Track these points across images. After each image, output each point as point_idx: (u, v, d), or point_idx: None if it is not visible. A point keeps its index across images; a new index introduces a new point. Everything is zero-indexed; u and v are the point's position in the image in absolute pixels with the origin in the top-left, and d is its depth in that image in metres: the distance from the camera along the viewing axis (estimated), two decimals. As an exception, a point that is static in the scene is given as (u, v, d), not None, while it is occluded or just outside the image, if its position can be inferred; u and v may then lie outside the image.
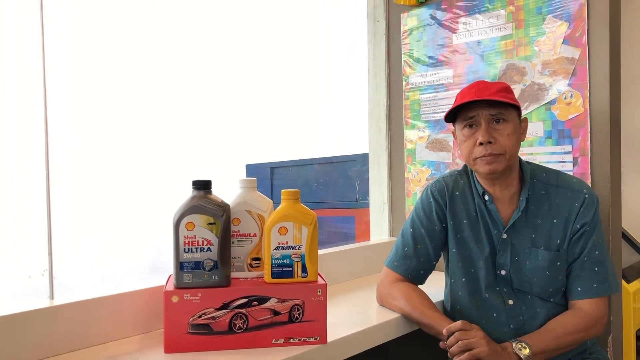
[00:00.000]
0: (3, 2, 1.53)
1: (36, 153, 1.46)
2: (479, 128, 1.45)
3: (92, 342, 1.30)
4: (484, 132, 1.44)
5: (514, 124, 1.46)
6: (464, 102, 1.44)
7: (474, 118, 1.46)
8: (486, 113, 1.44)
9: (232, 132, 3.35)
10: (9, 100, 1.57)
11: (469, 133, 1.48)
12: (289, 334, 1.28)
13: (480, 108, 1.44)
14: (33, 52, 1.44)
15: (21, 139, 1.58)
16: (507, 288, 1.52)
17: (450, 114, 1.51)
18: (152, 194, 2.52)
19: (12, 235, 1.67)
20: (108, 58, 2.27)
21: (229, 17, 3.21)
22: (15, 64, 1.54)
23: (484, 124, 1.44)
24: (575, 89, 1.80)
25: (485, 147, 1.44)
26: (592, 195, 1.50)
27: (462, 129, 1.49)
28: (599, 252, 1.48)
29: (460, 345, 1.32)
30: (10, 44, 1.55)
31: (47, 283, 1.44)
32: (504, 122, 1.45)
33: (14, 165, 1.62)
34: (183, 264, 1.25)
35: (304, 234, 1.29)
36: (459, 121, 1.51)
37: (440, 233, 1.60)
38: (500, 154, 1.44)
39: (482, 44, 2.02)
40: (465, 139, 1.49)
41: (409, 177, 2.28)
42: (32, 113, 1.46)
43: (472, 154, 1.48)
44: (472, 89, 1.46)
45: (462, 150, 1.51)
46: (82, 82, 2.09)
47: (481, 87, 1.46)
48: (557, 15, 1.83)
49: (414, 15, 2.24)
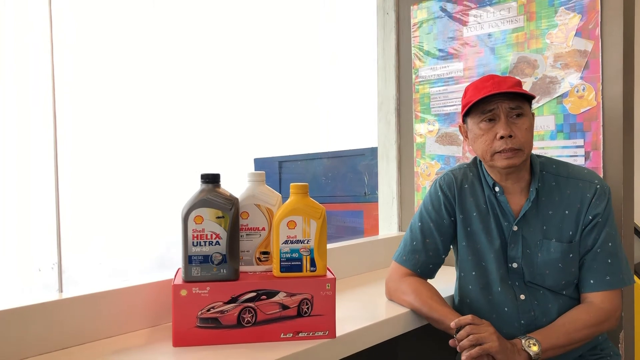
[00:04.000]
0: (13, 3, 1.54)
1: (45, 148, 1.46)
2: (497, 121, 1.43)
3: (101, 335, 1.30)
4: (504, 125, 1.41)
5: (529, 119, 1.45)
6: (486, 96, 1.41)
7: (493, 111, 1.43)
8: (506, 106, 1.42)
9: (240, 126, 3.34)
10: (20, 98, 1.58)
11: (486, 127, 1.45)
12: (297, 328, 1.27)
13: (499, 101, 1.42)
14: (42, 48, 1.44)
15: (30, 134, 1.58)
16: (519, 282, 1.51)
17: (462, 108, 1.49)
18: (161, 188, 2.52)
19: (22, 229, 1.68)
20: (116, 55, 2.27)
21: (239, 12, 3.20)
22: (25, 62, 1.55)
23: (503, 117, 1.42)
24: (588, 82, 1.77)
25: (505, 141, 1.41)
26: (603, 185, 1.48)
27: (480, 122, 1.46)
28: (612, 244, 1.45)
29: (470, 339, 1.30)
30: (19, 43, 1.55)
31: (57, 276, 1.45)
32: (523, 117, 1.43)
33: (23, 160, 1.62)
34: (192, 258, 1.24)
35: (312, 228, 1.28)
36: (474, 115, 1.48)
37: (449, 227, 1.59)
38: (519, 149, 1.42)
39: (493, 36, 2.00)
40: (483, 133, 1.46)
41: (419, 171, 2.27)
42: (41, 109, 1.46)
43: (491, 148, 1.45)
44: (488, 82, 1.44)
45: (479, 144, 1.48)
46: (91, 78, 2.09)
47: (497, 80, 1.44)
48: (570, 7, 1.80)
49: (424, 8, 2.22)
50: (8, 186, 1.65)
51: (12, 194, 1.66)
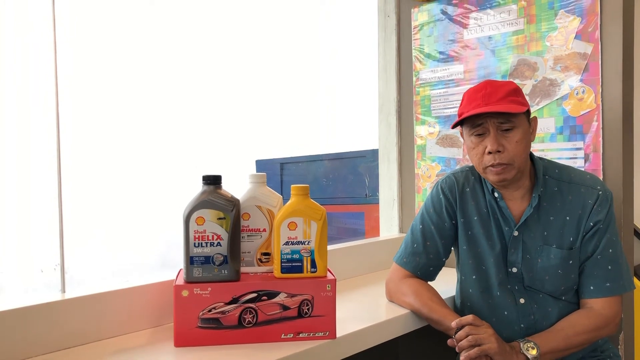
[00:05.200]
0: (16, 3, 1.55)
1: (48, 148, 1.47)
2: (487, 136, 1.43)
3: (103, 335, 1.31)
4: (492, 141, 1.41)
5: (522, 129, 1.43)
6: (470, 115, 1.41)
7: (482, 125, 1.43)
8: (494, 121, 1.41)
9: (242, 128, 3.35)
10: (22, 98, 1.59)
11: (477, 140, 1.45)
12: (298, 329, 1.28)
13: (488, 116, 1.41)
14: (45, 48, 1.45)
15: (32, 134, 1.59)
16: (518, 286, 1.51)
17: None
18: (163, 189, 2.53)
19: (25, 230, 1.69)
20: (118, 55, 2.28)
21: (240, 13, 3.21)
22: (28, 61, 1.56)
23: (492, 132, 1.41)
24: (588, 85, 1.78)
25: (494, 156, 1.41)
26: (606, 191, 1.47)
27: (470, 135, 1.47)
28: (612, 250, 1.45)
29: (469, 340, 1.31)
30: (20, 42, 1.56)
31: (59, 277, 1.46)
32: (513, 130, 1.42)
33: (25, 160, 1.63)
34: (193, 259, 1.25)
35: (313, 229, 1.29)
36: (466, 126, 1.48)
37: (450, 230, 1.59)
38: (509, 163, 1.42)
39: (494, 39, 2.01)
40: (474, 146, 1.46)
41: (419, 173, 2.27)
42: (43, 109, 1.47)
43: (481, 161, 1.45)
44: (479, 93, 1.43)
45: (471, 157, 1.49)
46: (93, 77, 2.10)
47: (488, 91, 1.42)
48: (570, 10, 1.81)
49: (424, 11, 2.22)
50: (10, 187, 1.66)
51: (13, 194, 1.67)
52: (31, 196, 1.62)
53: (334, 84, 3.90)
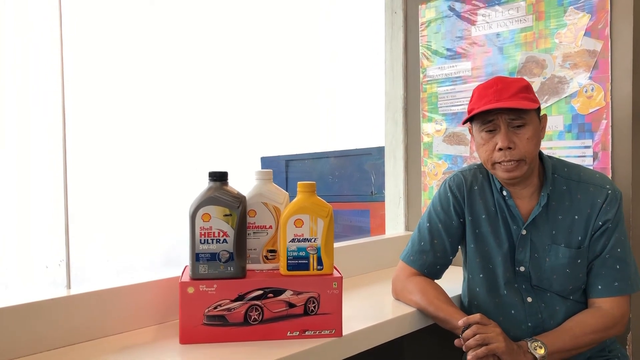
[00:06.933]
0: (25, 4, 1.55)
1: (54, 146, 1.47)
2: (498, 132, 1.41)
3: (108, 331, 1.31)
4: (503, 137, 1.40)
5: (533, 126, 1.42)
6: (481, 111, 1.40)
7: (493, 122, 1.42)
8: (506, 117, 1.40)
9: (248, 125, 3.35)
10: (27, 97, 1.59)
11: (487, 137, 1.44)
12: (304, 327, 1.27)
13: (499, 112, 1.40)
14: (50, 48, 1.45)
15: (38, 133, 1.59)
16: (525, 285, 1.50)
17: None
18: (169, 186, 2.53)
19: (30, 227, 1.69)
20: (125, 54, 2.28)
21: (247, 11, 3.20)
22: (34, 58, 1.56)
23: (503, 129, 1.40)
24: (597, 82, 1.77)
25: (504, 153, 1.40)
26: (615, 191, 1.46)
27: (480, 131, 1.45)
28: (621, 250, 1.44)
29: (477, 339, 1.30)
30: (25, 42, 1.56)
31: (64, 273, 1.46)
32: (525, 127, 1.41)
33: (32, 158, 1.63)
34: (199, 255, 1.25)
35: (319, 227, 1.28)
36: (476, 122, 1.47)
37: (458, 228, 1.58)
38: (520, 159, 1.40)
39: (502, 36, 1.99)
40: (484, 142, 1.45)
41: (426, 170, 2.26)
42: (50, 109, 1.47)
43: (491, 158, 1.44)
44: (490, 89, 1.42)
45: (481, 153, 1.48)
46: (99, 78, 2.10)
47: (499, 87, 1.41)
48: (579, 7, 1.79)
49: (432, 7, 2.21)
50: (15, 184, 1.66)
51: (19, 192, 1.67)
52: (35, 193, 1.62)
53: (341, 82, 3.90)
